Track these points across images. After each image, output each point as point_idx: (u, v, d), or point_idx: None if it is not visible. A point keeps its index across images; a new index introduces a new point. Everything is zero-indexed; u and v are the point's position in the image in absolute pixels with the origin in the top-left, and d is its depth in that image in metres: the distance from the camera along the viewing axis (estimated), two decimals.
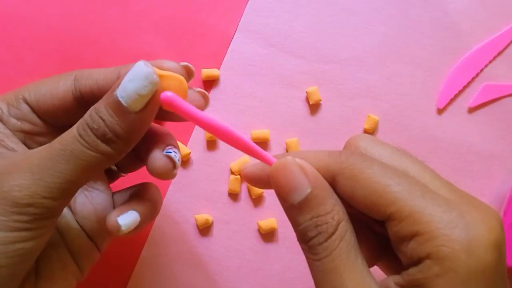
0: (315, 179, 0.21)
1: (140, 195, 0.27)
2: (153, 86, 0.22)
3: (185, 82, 0.23)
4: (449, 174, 0.38)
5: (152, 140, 0.26)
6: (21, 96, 0.25)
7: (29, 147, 0.26)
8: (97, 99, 0.23)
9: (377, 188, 0.20)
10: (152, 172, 0.24)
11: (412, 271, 0.19)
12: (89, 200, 0.28)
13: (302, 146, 0.38)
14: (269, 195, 0.37)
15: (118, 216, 0.25)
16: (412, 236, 0.19)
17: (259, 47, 0.38)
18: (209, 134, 0.37)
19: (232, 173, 0.37)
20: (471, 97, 0.39)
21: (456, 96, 0.39)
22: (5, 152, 0.24)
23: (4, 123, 0.25)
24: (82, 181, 0.23)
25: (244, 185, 0.37)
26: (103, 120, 0.22)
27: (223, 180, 0.37)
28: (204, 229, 0.37)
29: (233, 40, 0.38)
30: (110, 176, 0.31)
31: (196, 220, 0.36)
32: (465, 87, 0.39)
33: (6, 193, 0.21)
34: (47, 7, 0.37)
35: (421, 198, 0.19)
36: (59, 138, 0.23)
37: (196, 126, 0.37)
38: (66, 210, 0.27)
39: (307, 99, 0.38)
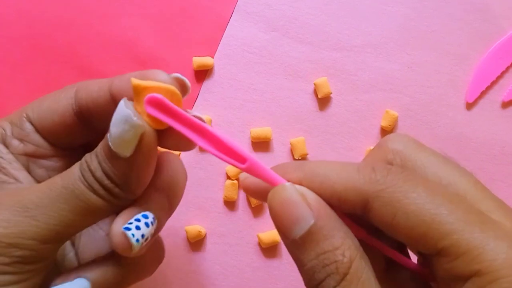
0: (319, 208, 0.19)
1: (113, 253, 0.25)
2: (135, 130, 0.21)
3: (178, 93, 0.22)
4: (481, 179, 0.36)
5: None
6: (24, 115, 0.25)
7: (33, 172, 0.26)
8: (94, 115, 0.24)
9: (426, 216, 0.18)
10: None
11: None
12: (91, 241, 0.27)
13: (309, 147, 0.37)
14: None
15: (56, 285, 0.23)
16: (470, 276, 0.17)
17: (260, 31, 0.37)
18: None
19: (228, 177, 0.36)
20: (505, 90, 0.38)
21: (488, 88, 0.37)
22: (6, 180, 0.24)
23: (7, 146, 0.25)
24: (79, 226, 0.22)
25: (242, 192, 0.36)
26: (100, 164, 0.22)
27: (218, 186, 0.36)
28: (196, 243, 0.36)
29: (229, 23, 0.37)
30: None
31: (186, 233, 0.35)
32: (498, 78, 0.38)
33: None
34: None
35: (480, 230, 0.18)
36: (61, 174, 0.22)
37: None
38: (70, 248, 0.27)
39: (315, 92, 0.37)
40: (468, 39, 0.37)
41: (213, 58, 0.36)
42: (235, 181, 0.35)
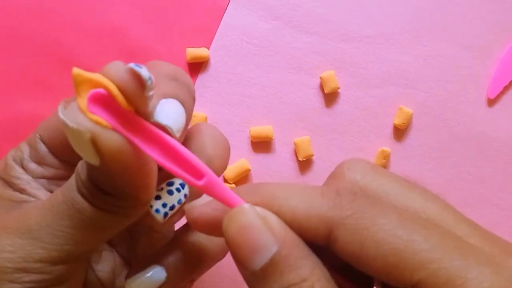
0: (284, 234, 0.18)
1: (180, 239, 0.25)
2: (79, 136, 0.18)
3: (113, 89, 0.19)
4: (504, 183, 0.36)
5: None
6: (38, 135, 0.25)
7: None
8: None
9: (398, 244, 0.17)
10: None
11: None
12: (149, 247, 0.27)
13: (315, 147, 0.36)
14: None
15: (131, 277, 0.24)
16: None
17: (260, 20, 0.36)
18: None
19: (225, 181, 0.35)
20: None
21: (506, 88, 0.37)
22: (28, 200, 0.24)
23: (25, 169, 0.25)
24: (91, 243, 0.22)
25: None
26: (87, 174, 0.21)
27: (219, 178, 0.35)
28: None
29: (226, 11, 0.36)
30: None
31: None
32: None
33: None
34: None
35: (460, 257, 0.17)
36: (61, 188, 0.22)
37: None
38: (122, 268, 0.27)
39: (322, 87, 0.36)
40: (489, 30, 0.36)
41: (208, 49, 0.36)
42: (233, 185, 0.35)
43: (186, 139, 0.25)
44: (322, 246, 0.19)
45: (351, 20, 0.36)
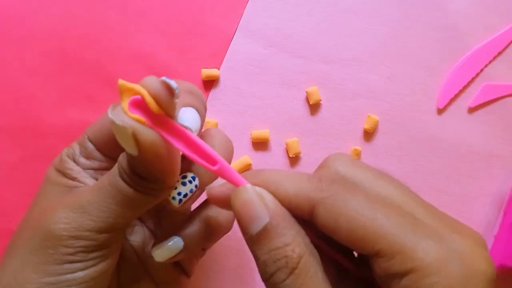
0: (275, 208, 0.20)
1: (194, 214, 0.26)
2: (122, 131, 0.20)
3: (147, 96, 0.20)
4: (450, 174, 0.38)
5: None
6: (86, 136, 0.27)
7: None
8: None
9: (364, 221, 0.19)
10: None
11: None
12: (171, 223, 0.29)
13: (303, 146, 0.38)
14: None
15: (155, 245, 0.25)
16: (405, 273, 0.18)
17: (259, 47, 0.38)
18: None
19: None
20: (471, 97, 0.39)
21: (456, 96, 0.39)
22: (77, 185, 0.26)
23: (76, 163, 0.26)
24: (129, 217, 0.23)
25: None
26: (127, 162, 0.22)
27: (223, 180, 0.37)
28: None
29: (233, 40, 0.38)
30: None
31: None
32: (465, 87, 0.39)
33: (54, 225, 0.23)
34: (47, 7, 0.37)
35: (412, 232, 0.18)
36: (107, 175, 0.23)
37: None
38: (150, 239, 0.29)
39: (307, 99, 0.38)
40: (438, 54, 0.38)
41: (219, 69, 0.37)
42: None
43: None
44: (308, 219, 0.20)
45: (331, 47, 0.38)
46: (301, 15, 0.38)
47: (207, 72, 0.37)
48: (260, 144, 0.37)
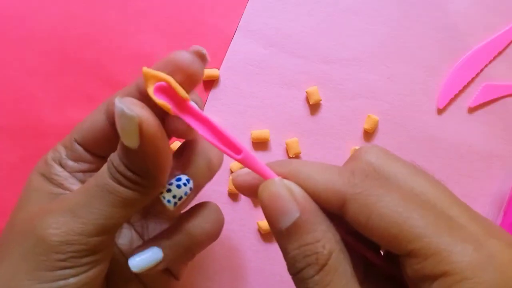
0: (305, 203, 0.19)
1: (178, 224, 0.26)
2: (131, 122, 0.20)
3: (173, 82, 0.21)
4: (450, 174, 0.39)
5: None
6: (73, 138, 0.26)
7: None
8: None
9: (398, 220, 0.18)
10: None
11: None
12: (157, 226, 0.28)
13: (302, 146, 0.38)
14: None
15: (132, 255, 0.25)
16: (438, 276, 0.17)
17: (259, 47, 0.38)
18: None
19: (232, 172, 0.37)
20: (471, 97, 0.39)
21: (456, 96, 0.39)
22: (63, 193, 0.25)
23: (63, 167, 0.26)
24: (119, 217, 0.23)
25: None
26: (120, 159, 0.22)
27: (223, 180, 0.37)
28: None
29: (233, 40, 0.38)
30: None
31: None
32: (465, 87, 0.39)
33: (44, 231, 0.22)
34: (47, 7, 0.37)
35: (448, 233, 0.18)
36: (94, 176, 0.23)
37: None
38: (138, 242, 0.28)
39: (307, 99, 0.38)
40: (439, 54, 0.39)
41: (219, 70, 0.37)
42: None
43: (192, 142, 0.26)
44: (337, 214, 0.20)
45: (331, 47, 0.38)
46: (301, 15, 0.38)
47: (207, 72, 0.37)
48: (260, 144, 0.38)
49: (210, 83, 0.38)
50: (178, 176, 0.24)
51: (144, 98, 0.22)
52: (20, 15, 0.37)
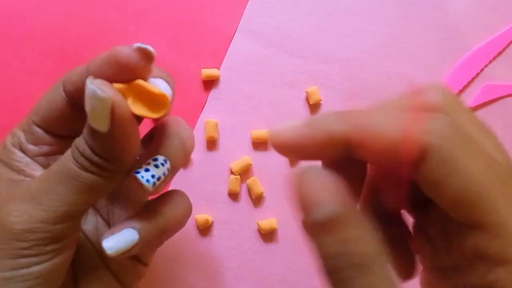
0: (345, 196, 0.17)
1: (150, 208, 0.25)
2: (103, 104, 0.20)
3: (140, 83, 0.21)
4: None
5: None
6: (31, 120, 0.25)
7: None
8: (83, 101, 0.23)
9: (482, 186, 0.16)
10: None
11: None
12: (124, 212, 0.28)
13: None
14: (270, 195, 0.38)
15: (107, 237, 0.24)
16: (504, 261, 0.16)
17: (259, 47, 0.38)
18: (209, 134, 0.37)
19: (232, 173, 0.37)
20: (471, 97, 0.39)
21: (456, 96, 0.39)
22: (25, 180, 0.25)
23: (24, 152, 0.25)
24: (82, 204, 0.23)
25: (244, 185, 0.37)
26: (86, 143, 0.22)
27: (223, 180, 0.37)
28: (204, 229, 0.37)
29: (233, 40, 0.38)
30: None
31: (196, 221, 0.37)
32: (465, 87, 0.39)
33: (5, 219, 0.22)
34: (47, 7, 0.37)
35: None
36: (57, 162, 0.23)
37: (196, 126, 0.38)
38: (104, 228, 0.28)
39: (307, 99, 0.38)
40: (438, 54, 0.39)
41: (219, 70, 0.37)
42: (238, 176, 0.36)
43: (163, 125, 0.26)
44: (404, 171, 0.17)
45: (331, 47, 0.38)
46: (301, 15, 0.38)
47: (207, 72, 0.37)
48: (260, 144, 0.38)
49: (210, 83, 0.38)
50: (154, 157, 0.24)
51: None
52: (20, 15, 0.37)
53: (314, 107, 0.38)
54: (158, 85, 0.22)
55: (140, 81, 0.21)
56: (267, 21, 0.38)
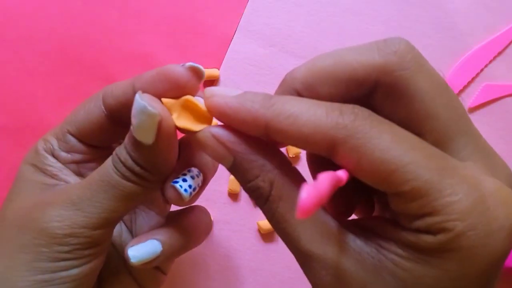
0: (235, 147, 0.20)
1: (174, 221, 0.27)
2: (152, 118, 0.21)
3: (190, 99, 0.22)
4: None
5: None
6: (66, 130, 0.26)
7: (85, 175, 0.27)
8: (124, 115, 0.24)
9: (388, 163, 0.18)
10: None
11: (426, 238, 0.18)
12: (145, 221, 0.29)
13: None
14: None
15: (132, 246, 0.25)
16: (425, 215, 0.18)
17: (259, 47, 0.38)
18: None
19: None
20: (471, 97, 0.40)
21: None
22: (59, 184, 0.25)
23: (56, 158, 0.26)
24: (122, 211, 0.23)
25: None
26: (129, 154, 0.23)
27: (223, 180, 0.37)
28: None
29: (233, 40, 0.38)
30: None
31: None
32: (465, 87, 0.40)
33: (47, 223, 0.23)
34: (47, 7, 0.38)
35: (439, 175, 0.18)
36: (97, 170, 0.24)
37: None
38: (127, 234, 0.29)
39: None
40: (438, 54, 0.39)
41: (219, 69, 0.38)
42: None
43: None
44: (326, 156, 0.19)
45: (331, 47, 0.37)
46: (301, 15, 0.39)
47: (207, 72, 0.38)
48: None
49: (210, 83, 0.38)
50: (189, 168, 0.25)
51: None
52: (20, 15, 0.37)
53: None
54: (200, 100, 0.23)
55: (189, 97, 0.22)
56: (267, 21, 0.39)
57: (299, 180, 0.21)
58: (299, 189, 0.19)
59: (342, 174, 0.19)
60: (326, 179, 0.17)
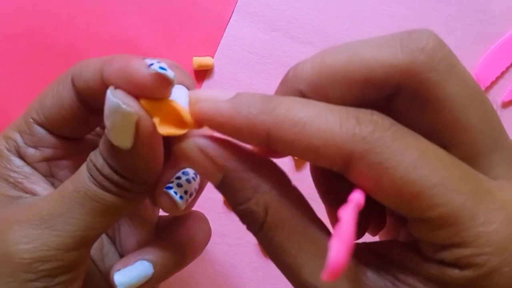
0: (225, 163, 0.19)
1: (166, 234, 0.26)
2: (127, 119, 0.19)
3: (172, 104, 0.20)
4: None
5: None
6: (31, 120, 0.24)
7: (57, 175, 0.25)
8: (97, 101, 0.22)
9: (414, 184, 0.16)
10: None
11: (452, 272, 0.17)
12: (131, 229, 0.28)
13: None
14: None
15: (118, 270, 0.24)
16: (452, 246, 0.17)
17: (260, 31, 0.37)
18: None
19: None
20: (505, 90, 0.38)
21: (488, 88, 0.38)
22: (23, 196, 0.24)
23: (22, 157, 0.24)
24: (100, 228, 0.22)
25: None
26: (105, 161, 0.21)
27: None
28: None
29: (229, 23, 0.38)
30: None
31: None
32: (498, 78, 0.38)
33: (12, 247, 0.21)
34: None
35: (472, 199, 0.17)
36: (71, 178, 0.22)
37: None
38: (109, 247, 0.28)
39: None
40: (467, 40, 0.38)
41: (213, 58, 0.37)
42: None
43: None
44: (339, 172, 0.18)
45: (342, 31, 0.37)
46: None
47: (199, 60, 0.37)
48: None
49: (203, 74, 0.37)
50: (184, 170, 0.23)
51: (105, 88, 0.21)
52: None
53: None
54: (179, 94, 0.21)
55: (170, 101, 0.20)
56: (269, 1, 0.38)
57: (300, 202, 0.19)
58: (300, 214, 0.19)
59: (359, 197, 0.17)
60: (351, 221, 0.15)
